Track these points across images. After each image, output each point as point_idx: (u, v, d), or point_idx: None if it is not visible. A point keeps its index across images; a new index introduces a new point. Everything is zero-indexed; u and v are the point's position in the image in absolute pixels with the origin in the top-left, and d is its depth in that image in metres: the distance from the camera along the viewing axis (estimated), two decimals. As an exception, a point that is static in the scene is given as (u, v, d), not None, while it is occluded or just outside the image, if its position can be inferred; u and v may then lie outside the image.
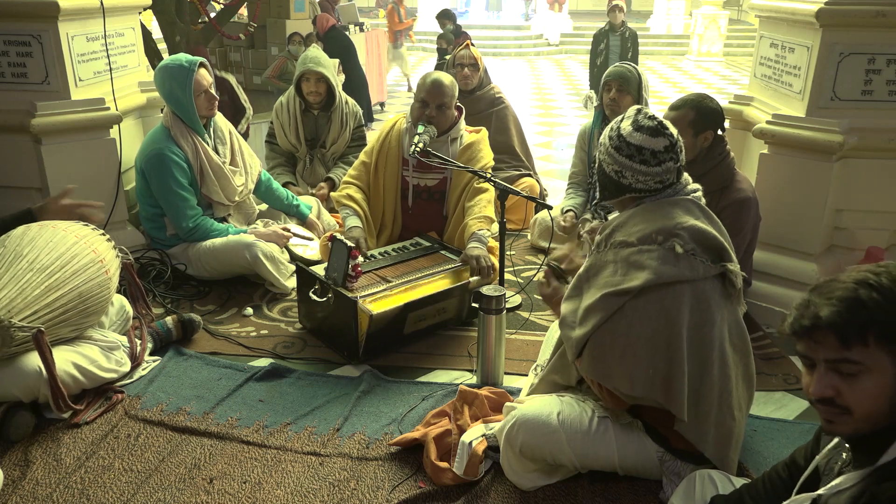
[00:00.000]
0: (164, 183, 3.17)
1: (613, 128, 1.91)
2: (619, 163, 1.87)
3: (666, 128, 1.86)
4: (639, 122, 1.86)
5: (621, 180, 1.88)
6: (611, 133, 1.91)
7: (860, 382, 1.19)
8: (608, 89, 3.42)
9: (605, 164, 1.92)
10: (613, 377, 1.82)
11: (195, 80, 3.13)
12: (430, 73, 3.17)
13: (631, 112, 1.92)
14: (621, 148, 1.86)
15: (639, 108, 1.93)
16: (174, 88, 3.15)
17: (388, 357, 2.74)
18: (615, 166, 1.88)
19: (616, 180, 1.90)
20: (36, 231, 2.37)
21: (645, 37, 17.78)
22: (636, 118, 1.88)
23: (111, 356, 2.46)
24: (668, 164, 1.85)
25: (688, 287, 1.81)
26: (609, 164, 1.90)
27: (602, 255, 1.91)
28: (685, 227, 1.83)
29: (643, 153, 1.84)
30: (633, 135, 1.85)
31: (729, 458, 1.88)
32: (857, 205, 2.98)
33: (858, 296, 1.17)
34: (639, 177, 1.86)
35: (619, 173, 1.88)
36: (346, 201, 3.18)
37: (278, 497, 2.00)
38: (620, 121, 1.91)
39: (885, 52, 2.77)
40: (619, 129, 1.88)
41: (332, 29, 7.58)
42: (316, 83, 3.99)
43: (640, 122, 1.86)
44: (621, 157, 1.86)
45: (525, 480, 2.01)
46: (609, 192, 1.96)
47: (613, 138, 1.89)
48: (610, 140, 1.90)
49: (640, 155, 1.84)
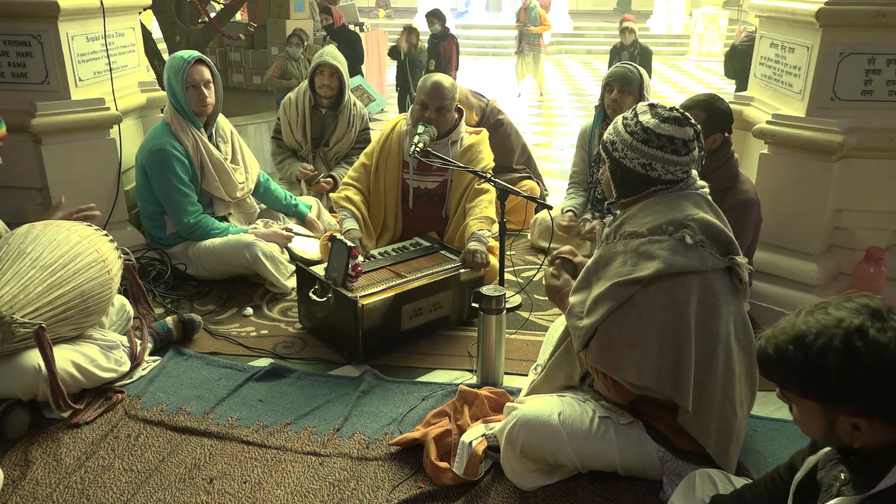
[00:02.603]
0: (166, 178, 3.17)
1: (630, 124, 1.89)
2: (649, 155, 1.85)
3: (689, 117, 1.89)
4: (662, 114, 1.87)
5: (650, 173, 1.87)
6: (632, 129, 1.88)
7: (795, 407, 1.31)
8: (610, 89, 3.43)
9: (629, 159, 1.88)
10: (621, 367, 1.82)
11: (188, 72, 3.16)
12: (431, 76, 3.17)
13: (643, 107, 1.91)
14: (650, 140, 1.85)
15: (650, 102, 1.93)
16: (171, 78, 3.20)
17: (387, 357, 2.74)
18: (643, 159, 1.86)
19: (643, 174, 1.88)
20: (40, 229, 2.39)
21: (645, 37, 17.82)
22: (657, 111, 1.88)
23: (110, 356, 2.47)
24: (694, 152, 1.88)
25: (696, 278, 1.81)
26: (634, 159, 1.87)
27: (611, 246, 1.91)
28: (695, 218, 1.84)
29: (675, 143, 1.84)
30: (662, 126, 1.85)
31: (729, 454, 1.88)
32: (857, 205, 2.98)
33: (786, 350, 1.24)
34: (669, 167, 1.86)
35: (647, 166, 1.86)
36: (345, 203, 3.18)
37: (278, 497, 2.00)
38: (634, 116, 1.90)
39: (885, 52, 2.77)
40: (642, 122, 1.86)
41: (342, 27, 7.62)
42: (329, 77, 4.00)
43: (663, 113, 1.87)
44: (651, 149, 1.85)
45: (525, 480, 2.01)
46: (631, 188, 1.93)
47: (638, 132, 1.86)
48: (633, 135, 1.87)
49: (671, 145, 1.84)
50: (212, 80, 3.26)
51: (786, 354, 1.23)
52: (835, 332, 1.19)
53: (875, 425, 1.20)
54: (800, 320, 1.25)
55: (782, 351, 1.24)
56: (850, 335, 1.18)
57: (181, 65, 3.17)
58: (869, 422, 1.20)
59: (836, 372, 1.18)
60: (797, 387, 1.24)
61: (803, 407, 1.28)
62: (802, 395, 1.25)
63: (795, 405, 1.30)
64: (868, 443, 1.23)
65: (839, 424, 1.23)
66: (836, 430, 1.24)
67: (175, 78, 3.17)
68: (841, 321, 1.20)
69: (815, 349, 1.20)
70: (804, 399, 1.25)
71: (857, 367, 1.17)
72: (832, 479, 1.36)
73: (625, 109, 3.36)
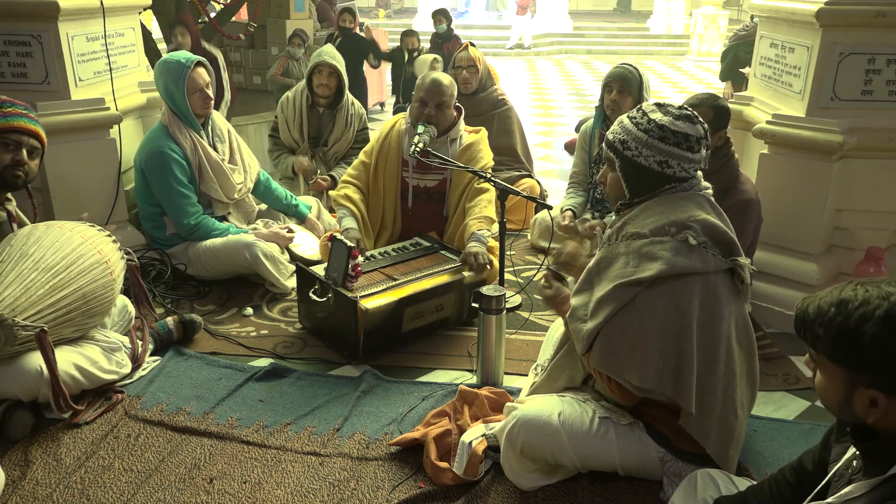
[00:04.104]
0: (164, 181, 3.17)
1: (642, 122, 1.88)
2: (666, 152, 1.85)
3: (697, 115, 1.91)
4: (674, 112, 1.87)
5: (665, 170, 1.87)
6: (646, 127, 1.87)
7: (819, 372, 1.33)
8: (609, 90, 3.43)
9: (644, 157, 1.87)
10: (624, 369, 1.82)
11: (190, 77, 3.14)
12: (430, 73, 3.17)
13: (651, 106, 1.91)
14: (666, 137, 1.85)
15: (656, 102, 1.94)
16: (169, 84, 3.17)
17: (387, 357, 2.74)
18: (659, 157, 1.86)
19: (659, 171, 1.87)
20: (42, 230, 2.38)
21: (645, 37, 17.83)
22: (667, 109, 1.89)
23: (112, 357, 2.46)
24: (704, 150, 1.89)
25: (699, 280, 1.81)
26: (650, 157, 1.86)
27: (613, 247, 1.91)
28: (697, 220, 1.84)
29: (689, 140, 1.85)
30: (676, 123, 1.85)
31: (729, 455, 1.88)
32: (857, 205, 2.97)
33: (827, 311, 1.25)
34: (684, 164, 1.86)
35: (663, 163, 1.86)
36: (344, 202, 3.18)
37: (278, 497, 2.00)
38: (644, 115, 1.89)
39: (885, 52, 2.77)
40: (655, 120, 1.86)
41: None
42: (328, 76, 4.00)
43: (675, 111, 1.88)
44: (667, 146, 1.85)
45: (525, 480, 2.01)
46: (645, 187, 1.91)
47: (653, 130, 1.86)
48: (648, 133, 1.86)
49: (686, 142, 1.85)
50: (210, 78, 3.26)
51: (825, 315, 1.25)
52: (879, 303, 1.21)
53: (892, 403, 1.21)
54: (847, 289, 1.27)
55: (823, 312, 1.26)
56: (893, 308, 1.20)
57: (181, 70, 3.14)
58: (888, 398, 1.21)
59: (871, 339, 1.19)
60: (828, 348, 1.26)
61: (828, 371, 1.29)
62: (831, 358, 1.26)
63: (820, 369, 1.31)
64: (881, 422, 1.23)
65: (857, 396, 1.24)
66: (852, 401, 1.25)
67: (175, 83, 3.14)
68: (890, 295, 1.22)
69: (856, 315, 1.22)
70: (831, 362, 1.26)
71: (893, 340, 1.18)
72: (843, 468, 1.37)
73: (624, 110, 3.39)
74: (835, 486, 1.36)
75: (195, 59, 3.19)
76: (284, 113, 4.16)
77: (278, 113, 4.21)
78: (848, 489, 1.27)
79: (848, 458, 1.38)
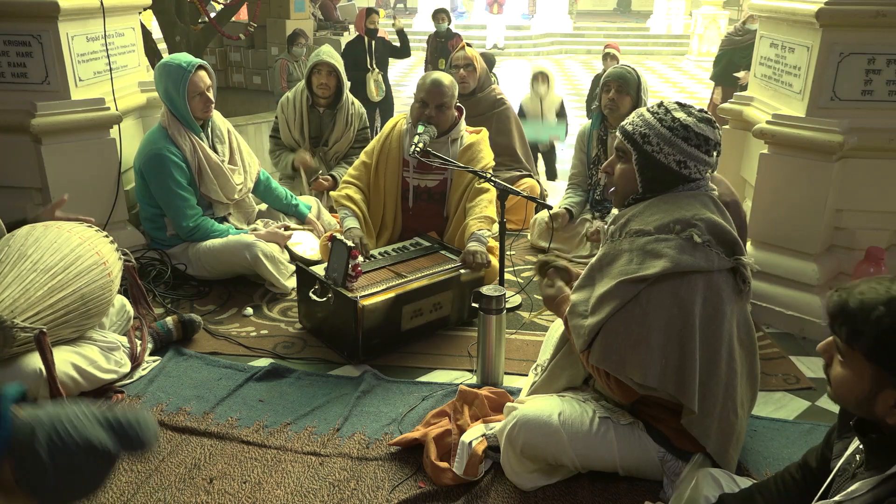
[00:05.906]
0: (164, 183, 3.17)
1: (666, 119, 1.86)
2: (686, 153, 1.85)
3: (714, 120, 1.91)
4: (697, 115, 1.88)
5: (683, 170, 1.87)
6: (669, 124, 1.85)
7: (841, 365, 1.28)
8: (607, 90, 3.43)
9: (664, 154, 1.85)
10: (626, 367, 1.81)
11: (191, 81, 3.13)
12: (430, 73, 3.17)
13: (673, 104, 1.91)
14: (690, 138, 1.84)
15: (677, 101, 1.93)
16: (169, 87, 3.16)
17: (387, 357, 2.74)
18: (679, 156, 1.85)
19: (677, 171, 1.87)
20: (40, 231, 2.37)
21: (645, 37, 17.84)
22: (689, 110, 1.89)
23: (111, 357, 2.46)
24: (717, 155, 1.90)
25: (702, 278, 1.81)
26: (671, 155, 1.85)
27: (616, 244, 1.90)
28: (702, 218, 1.84)
29: (709, 143, 1.86)
30: (700, 125, 1.85)
31: (729, 454, 1.88)
32: (857, 205, 2.97)
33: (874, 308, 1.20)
34: (700, 166, 1.87)
35: (682, 163, 1.86)
36: (345, 202, 3.18)
37: (278, 497, 2.00)
38: (668, 112, 1.88)
39: (885, 52, 2.77)
40: (680, 119, 1.85)
41: None
42: (327, 76, 3.99)
43: (697, 114, 1.88)
44: (689, 147, 1.85)
45: (525, 480, 2.01)
46: (660, 185, 1.90)
47: (677, 129, 1.85)
48: (672, 131, 1.85)
49: (706, 145, 1.86)
50: (212, 81, 3.26)
51: (872, 313, 1.20)
52: None
53: None
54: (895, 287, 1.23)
55: (869, 309, 1.21)
56: None
57: (181, 73, 3.12)
58: None
59: None
60: (868, 347, 1.21)
61: (856, 367, 1.24)
62: (867, 356, 1.22)
63: (846, 363, 1.26)
64: None
65: (882, 396, 1.22)
66: (875, 400, 1.23)
67: (175, 87, 3.13)
68: None
69: None
70: (866, 360, 1.22)
71: None
72: (846, 463, 1.36)
73: (623, 110, 3.40)
74: (838, 482, 1.35)
75: (196, 63, 3.18)
76: (285, 113, 4.16)
77: (278, 113, 4.21)
78: (853, 487, 1.27)
79: (851, 452, 1.38)
